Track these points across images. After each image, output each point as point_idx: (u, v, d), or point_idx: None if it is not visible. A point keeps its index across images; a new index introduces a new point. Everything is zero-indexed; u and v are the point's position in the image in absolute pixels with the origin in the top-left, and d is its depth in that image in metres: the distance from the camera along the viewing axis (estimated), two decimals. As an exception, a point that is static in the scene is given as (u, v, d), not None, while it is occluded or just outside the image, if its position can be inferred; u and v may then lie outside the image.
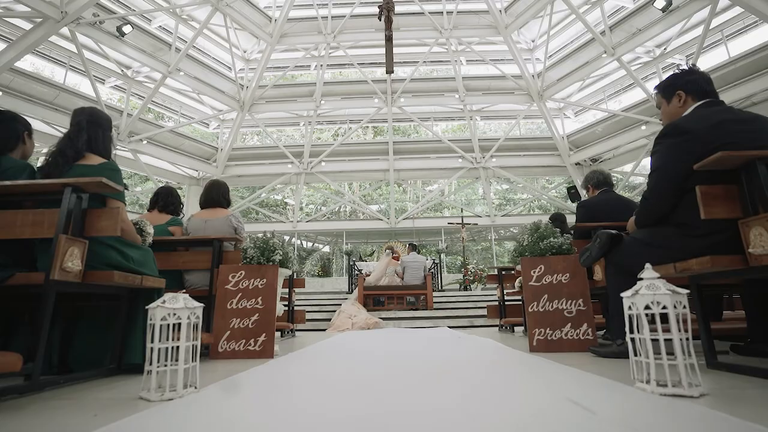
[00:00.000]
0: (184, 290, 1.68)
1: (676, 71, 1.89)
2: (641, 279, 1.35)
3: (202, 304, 1.50)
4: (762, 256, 1.39)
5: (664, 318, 1.31)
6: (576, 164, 12.18)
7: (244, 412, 1.17)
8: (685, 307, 1.28)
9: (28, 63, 10.96)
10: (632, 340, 1.36)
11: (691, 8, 8.89)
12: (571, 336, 2.41)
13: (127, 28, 9.45)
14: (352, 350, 2.84)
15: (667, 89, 1.85)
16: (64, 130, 1.99)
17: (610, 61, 10.22)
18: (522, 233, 2.79)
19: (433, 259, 9.33)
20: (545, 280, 2.53)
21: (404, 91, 11.91)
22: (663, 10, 9.19)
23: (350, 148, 12.58)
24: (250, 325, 2.57)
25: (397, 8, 9.44)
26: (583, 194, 3.30)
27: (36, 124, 9.79)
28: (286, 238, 15.29)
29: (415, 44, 11.89)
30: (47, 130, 9.98)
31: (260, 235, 2.70)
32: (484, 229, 13.40)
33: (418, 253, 7.97)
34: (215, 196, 3.00)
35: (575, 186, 11.05)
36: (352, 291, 8.05)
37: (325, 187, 13.39)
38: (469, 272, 9.43)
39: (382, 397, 1.33)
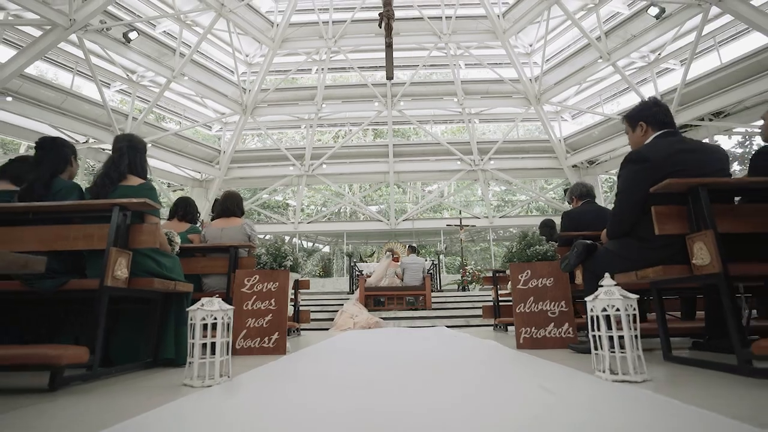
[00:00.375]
0: (216, 293, 1.96)
1: (642, 102, 2.17)
2: (601, 286, 1.64)
3: (232, 307, 1.78)
4: (702, 267, 1.68)
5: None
6: (573, 166, 12.47)
7: (269, 398, 1.44)
8: (635, 309, 1.56)
9: (33, 67, 11.23)
10: (593, 336, 1.64)
11: (684, 15, 9.16)
12: (554, 334, 2.70)
13: (132, 35, 9.71)
14: (355, 349, 3.12)
15: (632, 119, 2.13)
16: (72, 134, 2.28)
17: (606, 66, 10.49)
18: (512, 241, 3.08)
19: (432, 260, 9.62)
20: (531, 284, 2.81)
21: (404, 95, 12.19)
22: (657, 17, 9.46)
23: (351, 150, 12.86)
24: (264, 325, 2.86)
25: (398, 13, 9.70)
26: (565, 205, 3.56)
27: (43, 128, 10.09)
28: (287, 238, 15.59)
29: (414, 48, 12.16)
30: (55, 133, 10.25)
31: (268, 236, 2.99)
32: (483, 230, 13.69)
33: (418, 254, 8.26)
34: (230, 206, 3.27)
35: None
36: (354, 291, 8.34)
37: (325, 188, 13.66)
38: (467, 273, 9.72)
39: (382, 388, 1.61)
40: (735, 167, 13.54)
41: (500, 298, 4.59)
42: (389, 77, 8.80)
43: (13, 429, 1.08)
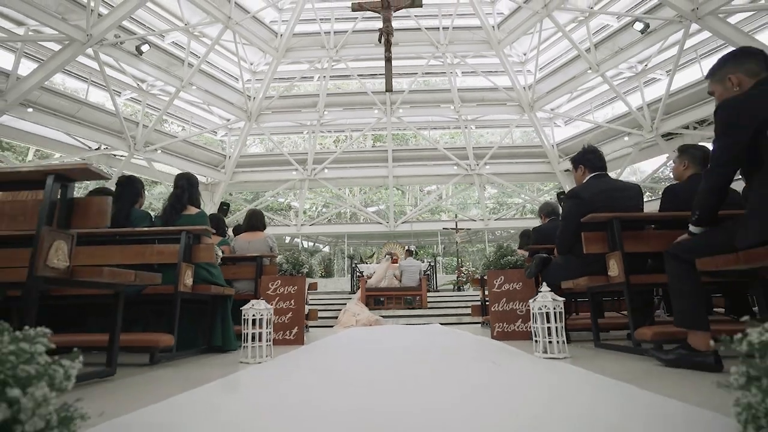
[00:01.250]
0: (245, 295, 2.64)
1: (583, 149, 2.84)
2: (539, 291, 2.32)
3: (272, 306, 2.46)
4: (614, 277, 2.36)
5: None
6: (565, 171, 13.13)
7: (302, 373, 2.11)
8: (561, 308, 2.24)
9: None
10: (533, 328, 2.33)
11: (667, 31, 9.83)
12: (520, 328, 3.38)
13: (144, 47, 10.35)
14: (358, 343, 3.80)
15: (575, 162, 2.81)
16: (86, 142, 2.92)
17: (595, 76, 11.15)
18: (491, 253, 3.76)
19: (429, 262, 10.31)
20: (504, 288, 3.49)
21: (403, 102, 12.84)
22: (642, 31, 10.12)
23: (351, 155, 13.52)
24: (285, 321, 3.54)
25: (397, 24, 10.33)
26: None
27: (60, 136, 10.76)
28: (287, 239, 16.26)
29: (413, 57, 12.81)
30: (71, 141, 10.92)
31: (279, 239, 3.67)
32: (479, 232, 14.37)
33: (416, 255, 8.93)
34: (255, 222, 3.95)
35: (564, 192, 12.07)
36: (355, 291, 9.01)
37: (327, 191, 14.32)
38: (462, 274, 10.40)
39: (382, 373, 2.30)
40: None
41: (487, 299, 5.26)
42: (388, 89, 9.46)
43: (138, 385, 1.74)
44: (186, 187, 2.85)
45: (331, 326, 6.62)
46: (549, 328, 2.22)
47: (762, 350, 0.64)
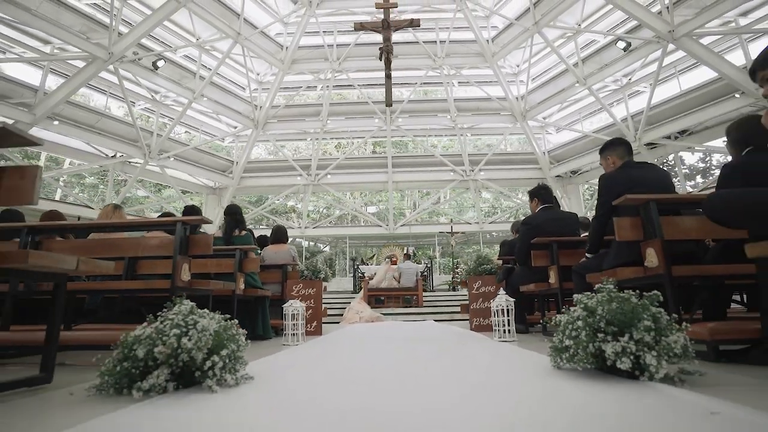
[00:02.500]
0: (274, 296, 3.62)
1: (537, 185, 3.82)
2: (498, 294, 3.30)
3: (304, 305, 3.44)
4: (552, 284, 3.35)
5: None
6: (557, 176, 14.13)
7: (324, 353, 3.10)
8: (512, 306, 3.22)
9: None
10: (494, 320, 3.31)
11: (648, 49, 10.79)
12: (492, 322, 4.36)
13: (160, 63, 11.28)
14: (362, 335, 4.79)
15: (531, 195, 3.79)
16: (103, 149, 3.89)
17: (582, 89, 12.11)
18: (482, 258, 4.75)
19: (426, 264, 11.29)
20: (481, 290, 4.48)
21: (402, 111, 13.79)
22: (624, 49, 11.08)
23: (353, 161, 14.47)
24: (307, 316, 4.52)
25: (396, 37, 11.21)
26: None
27: (80, 145, 11.70)
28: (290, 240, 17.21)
29: (412, 69, 13.75)
30: (91, 150, 11.85)
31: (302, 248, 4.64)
32: (475, 234, 15.36)
33: (414, 256, 9.91)
34: (280, 236, 4.92)
35: (555, 197, 13.06)
36: (358, 291, 10.00)
37: (329, 194, 15.26)
38: (457, 275, 11.40)
39: (383, 357, 3.29)
40: (698, 179, 15.20)
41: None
42: (388, 105, 10.40)
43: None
44: (237, 216, 3.83)
45: (338, 322, 7.61)
46: (502, 320, 3.21)
47: (564, 324, 1.61)
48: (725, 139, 2.22)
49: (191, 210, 3.59)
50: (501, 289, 3.35)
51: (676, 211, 2.27)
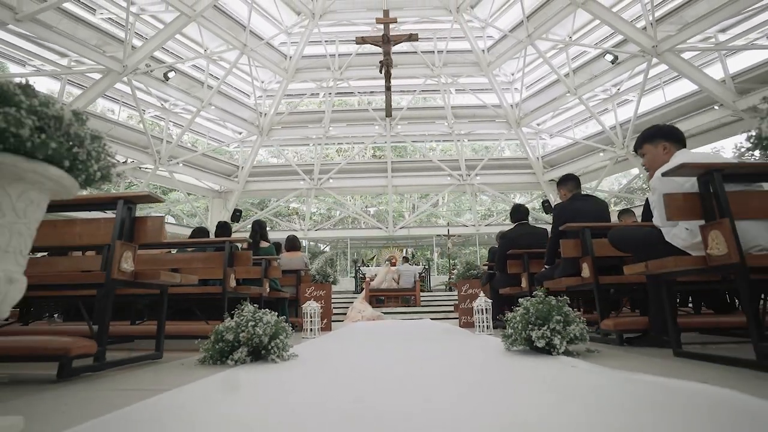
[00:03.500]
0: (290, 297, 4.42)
1: (514, 205, 4.61)
2: (479, 296, 4.10)
3: (318, 305, 4.24)
4: (524, 287, 4.15)
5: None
6: (551, 181, 14.92)
7: (337, 344, 3.90)
8: (489, 306, 4.01)
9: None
10: (477, 318, 4.11)
11: (634, 62, 11.56)
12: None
13: (170, 74, 12.04)
14: (365, 331, 5.59)
15: (510, 216, 4.59)
16: (118, 158, 4.72)
17: (573, 99, 12.90)
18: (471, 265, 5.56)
19: (424, 266, 12.10)
20: (468, 292, 5.28)
21: (401, 118, 14.57)
22: (612, 62, 11.86)
23: (354, 166, 15.25)
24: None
25: (396, 47, 11.97)
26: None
27: (94, 153, 12.43)
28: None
29: (410, 77, 14.51)
30: (103, 157, 12.58)
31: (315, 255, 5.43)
32: (472, 236, 16.17)
33: (413, 258, 10.69)
34: (295, 244, 5.71)
35: (548, 200, 13.90)
36: (360, 291, 10.80)
37: (331, 198, 16.05)
38: (453, 275, 12.20)
39: (384, 347, 4.10)
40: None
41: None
42: (388, 115, 11.19)
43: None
44: (258, 230, 4.62)
45: (341, 321, 8.41)
46: (482, 317, 4.01)
47: (519, 317, 2.41)
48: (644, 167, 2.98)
49: (224, 226, 4.37)
50: (481, 292, 4.15)
51: (605, 235, 3.07)
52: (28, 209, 1.09)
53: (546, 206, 13.83)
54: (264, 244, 4.54)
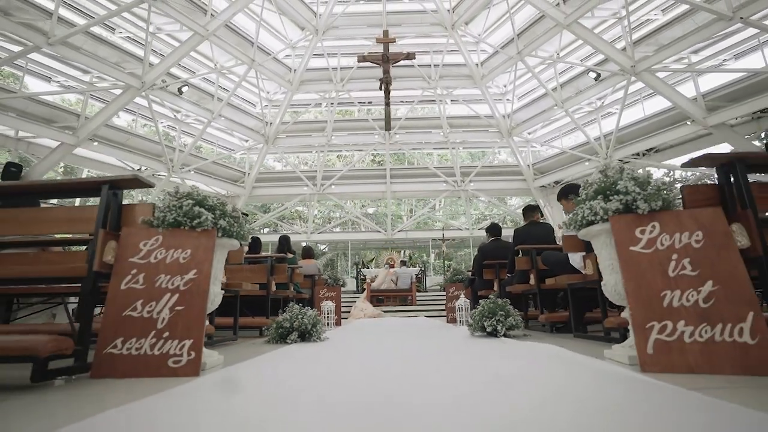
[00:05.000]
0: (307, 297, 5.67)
1: (491, 224, 5.86)
2: (458, 297, 5.35)
3: (334, 304, 5.50)
4: (495, 291, 5.41)
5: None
6: (541, 187, 16.20)
7: (349, 334, 5.16)
8: (467, 306, 5.26)
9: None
10: (458, 315, 5.37)
11: (615, 80, 12.80)
12: (463, 316, 6.43)
13: (184, 88, 13.22)
14: (368, 327, 6.84)
15: (486, 232, 5.84)
16: (133, 165, 5.93)
17: (560, 112, 14.15)
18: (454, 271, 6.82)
19: (420, 268, 13.35)
20: (455, 293, 6.53)
21: (400, 127, 15.79)
22: (595, 78, 13.11)
23: (354, 172, 16.47)
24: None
25: (393, 51, 13.14)
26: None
27: (112, 161, 13.64)
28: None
29: (408, 89, 15.73)
30: (121, 164, 13.80)
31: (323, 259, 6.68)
32: (466, 239, 17.45)
33: (410, 260, 11.91)
34: (311, 253, 6.94)
35: (538, 205, 15.17)
36: (362, 291, 12.05)
37: (332, 202, 17.28)
38: (447, 276, 13.46)
39: (385, 337, 5.37)
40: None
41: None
42: (387, 129, 12.40)
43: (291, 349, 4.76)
44: (285, 243, 5.85)
45: (345, 318, 9.65)
46: (461, 314, 5.26)
47: (477, 313, 3.67)
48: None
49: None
50: (463, 294, 5.41)
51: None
52: (222, 258, 2.34)
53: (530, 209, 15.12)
54: (289, 255, 5.77)
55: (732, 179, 2.02)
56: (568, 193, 3.98)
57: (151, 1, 10.82)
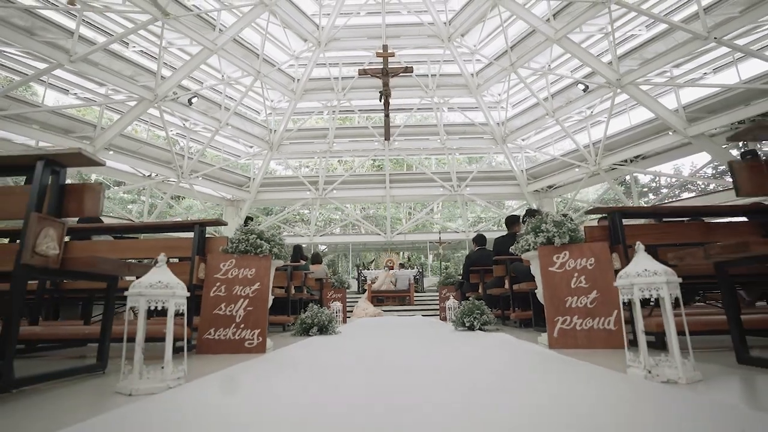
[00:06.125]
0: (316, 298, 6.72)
1: (477, 235, 6.91)
2: (448, 299, 6.40)
3: (341, 305, 6.55)
4: (479, 293, 6.47)
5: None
6: (535, 191, 17.25)
7: (356, 329, 6.21)
8: (455, 306, 6.31)
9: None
10: (448, 314, 6.42)
11: (602, 92, 13.84)
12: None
13: (194, 100, 14.23)
14: (370, 324, 7.90)
15: (473, 242, 6.89)
16: (144, 172, 7.07)
17: (552, 120, 15.18)
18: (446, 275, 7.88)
19: (418, 269, 14.41)
20: (446, 294, 7.58)
21: (399, 134, 16.82)
22: (584, 90, 14.14)
23: (355, 177, 17.51)
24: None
25: (392, 66, 14.16)
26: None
27: (126, 168, 14.65)
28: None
29: (407, 98, 16.74)
30: (133, 171, 14.82)
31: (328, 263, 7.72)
32: (463, 241, 18.51)
33: (409, 261, 12.95)
34: (318, 259, 7.97)
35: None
36: (363, 292, 13.10)
37: (336, 207, 18.32)
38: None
39: (385, 332, 6.43)
40: (650, 196, 18.35)
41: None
42: (387, 139, 13.43)
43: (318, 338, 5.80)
44: (298, 252, 6.89)
45: (349, 317, 10.70)
46: (450, 313, 6.31)
47: (458, 312, 4.73)
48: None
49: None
50: (452, 295, 6.45)
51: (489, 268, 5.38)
52: (273, 272, 3.38)
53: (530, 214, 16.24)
54: (302, 262, 6.81)
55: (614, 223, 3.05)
56: (517, 221, 5.46)
57: (165, 19, 11.77)
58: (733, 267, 1.91)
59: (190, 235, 3.12)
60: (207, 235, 3.21)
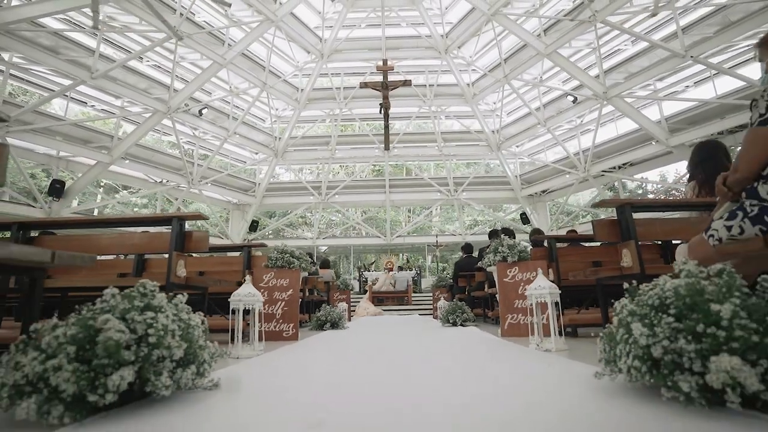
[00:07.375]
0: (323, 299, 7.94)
1: (466, 243, 8.12)
2: (439, 299, 7.62)
3: (346, 305, 7.78)
4: (465, 296, 7.70)
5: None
6: (529, 196, 18.46)
7: (360, 326, 7.44)
8: (447, 307, 7.54)
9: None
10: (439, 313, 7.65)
11: (590, 104, 15.03)
12: (445, 313, 8.74)
13: (204, 111, 15.43)
14: (372, 323, 9.13)
15: (462, 249, 8.11)
16: (154, 178, 8.24)
17: (543, 130, 16.38)
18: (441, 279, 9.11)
19: (416, 271, 15.64)
20: (439, 296, 8.81)
21: (398, 141, 18.03)
22: (573, 102, 15.33)
23: (356, 182, 18.74)
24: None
25: (392, 79, 15.34)
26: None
27: (140, 175, 15.86)
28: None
29: (406, 106, 17.94)
30: (146, 178, 16.03)
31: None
32: (459, 243, 19.75)
33: (407, 263, 14.16)
34: (326, 264, 9.18)
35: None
36: (364, 293, 14.32)
37: (337, 210, 19.55)
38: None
39: (385, 328, 7.68)
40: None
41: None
42: (386, 149, 14.63)
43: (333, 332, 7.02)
44: (325, 264, 8.10)
45: (353, 315, 11.92)
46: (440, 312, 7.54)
47: (444, 311, 5.97)
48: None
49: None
50: (443, 297, 7.67)
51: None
52: (299, 282, 4.61)
53: (524, 218, 17.51)
54: (312, 268, 8.01)
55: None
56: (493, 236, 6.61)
57: (179, 41, 12.95)
58: (606, 280, 3.12)
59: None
60: (252, 254, 4.45)
